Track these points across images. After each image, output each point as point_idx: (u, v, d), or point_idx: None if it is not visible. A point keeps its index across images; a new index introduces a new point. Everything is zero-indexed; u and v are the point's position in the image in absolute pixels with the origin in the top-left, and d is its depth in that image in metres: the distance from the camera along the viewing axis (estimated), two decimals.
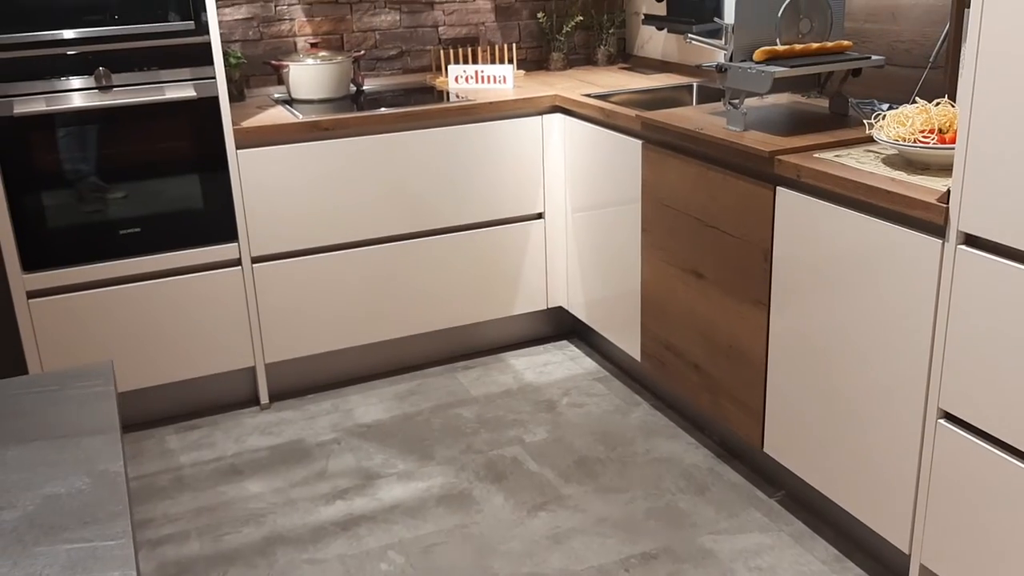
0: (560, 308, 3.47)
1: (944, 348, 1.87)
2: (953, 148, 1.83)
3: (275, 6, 3.38)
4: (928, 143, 2.00)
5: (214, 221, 2.90)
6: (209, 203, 2.89)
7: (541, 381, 3.25)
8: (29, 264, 2.75)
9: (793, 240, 2.23)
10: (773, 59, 2.39)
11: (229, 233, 2.92)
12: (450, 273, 3.24)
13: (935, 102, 2.09)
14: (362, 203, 3.06)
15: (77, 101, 2.69)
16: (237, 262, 2.95)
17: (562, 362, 3.39)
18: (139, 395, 2.97)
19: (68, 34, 2.65)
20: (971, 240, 1.79)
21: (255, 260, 2.97)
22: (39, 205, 2.73)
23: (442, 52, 3.59)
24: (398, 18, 3.57)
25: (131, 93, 2.73)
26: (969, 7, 1.73)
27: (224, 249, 2.93)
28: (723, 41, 2.73)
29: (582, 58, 3.86)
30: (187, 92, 2.78)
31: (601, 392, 3.16)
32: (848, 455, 2.18)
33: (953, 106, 2.05)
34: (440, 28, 3.65)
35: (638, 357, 2.99)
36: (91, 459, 1.17)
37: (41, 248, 2.76)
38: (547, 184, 3.30)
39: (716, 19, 3.03)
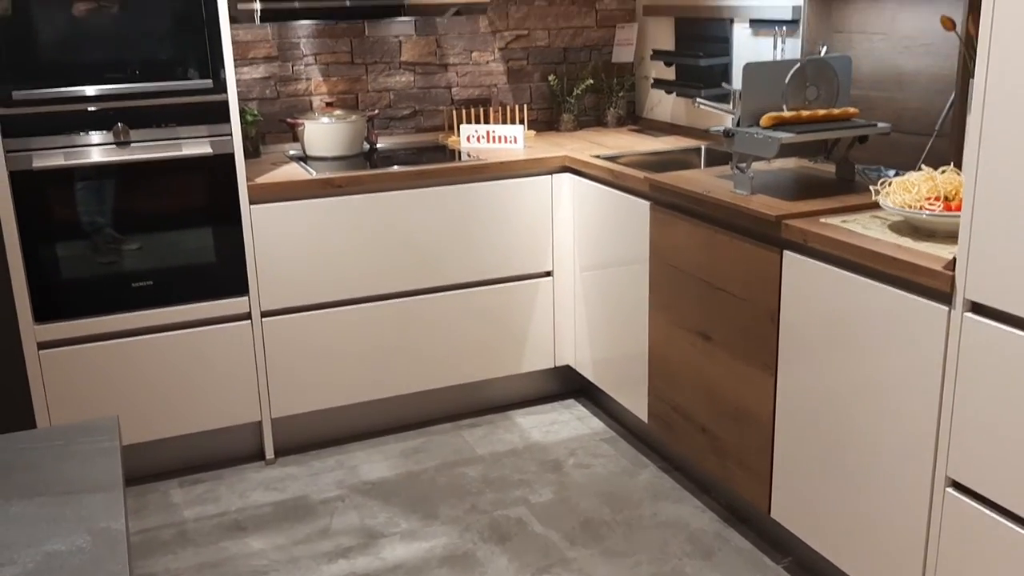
0: (567, 367, 3.47)
1: (952, 415, 1.86)
2: (959, 216, 1.85)
3: (292, 66, 3.45)
4: (934, 210, 2.01)
5: (225, 275, 2.93)
6: (221, 257, 2.92)
7: (548, 441, 3.24)
8: (41, 315, 2.77)
9: (800, 304, 2.23)
10: (780, 125, 2.42)
11: (240, 287, 2.95)
12: (458, 330, 3.25)
13: (941, 170, 2.11)
14: (372, 259, 3.09)
15: (95, 156, 2.74)
16: (247, 316, 2.97)
17: (569, 421, 3.38)
18: (145, 448, 2.96)
19: (89, 90, 2.71)
20: (977, 308, 1.79)
21: (264, 314, 2.99)
22: (53, 256, 2.76)
23: (455, 112, 3.65)
24: (412, 79, 3.64)
25: (149, 149, 2.78)
26: (973, 77, 1.76)
27: (234, 303, 2.95)
28: (731, 106, 2.77)
29: (592, 120, 3.91)
30: (203, 148, 2.83)
31: (608, 453, 3.14)
32: (856, 522, 2.15)
33: (959, 174, 2.07)
34: (453, 89, 3.71)
35: (645, 418, 2.98)
36: (93, 516, 1.17)
37: (53, 299, 2.78)
38: (556, 243, 3.32)
39: (724, 84, 3.08)
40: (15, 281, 2.72)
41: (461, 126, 3.49)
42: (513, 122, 3.63)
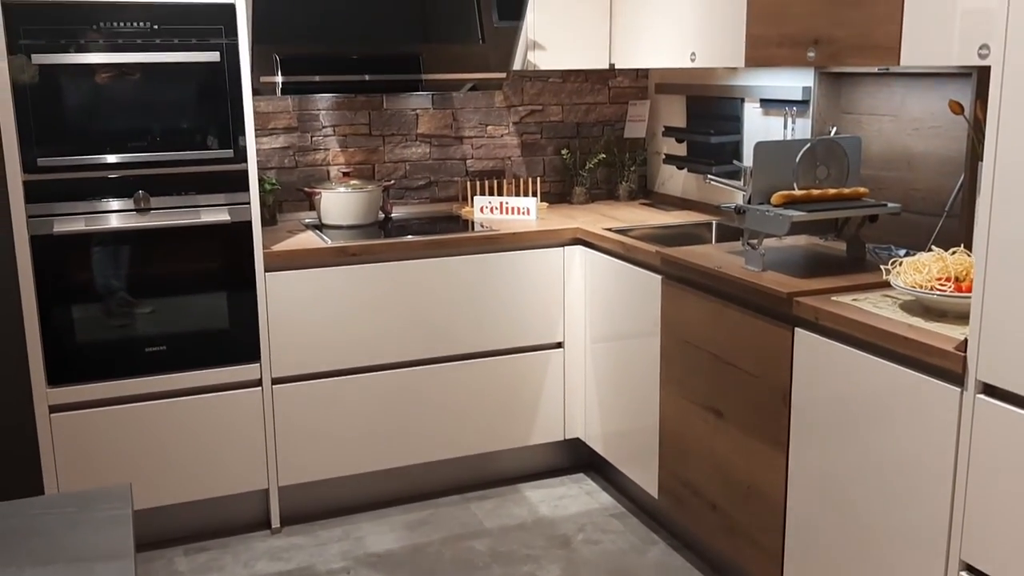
0: (577, 440, 3.45)
1: (965, 498, 1.84)
2: (970, 297, 1.86)
3: (311, 136, 3.52)
4: (945, 291, 2.02)
5: (238, 341, 2.95)
6: (235, 323, 2.95)
7: (556, 515, 3.20)
8: (54, 379, 2.79)
9: (812, 381, 2.23)
10: (791, 203, 2.45)
11: (252, 353, 2.96)
12: (468, 400, 3.25)
13: (951, 251, 2.12)
14: (384, 327, 3.10)
15: (115, 222, 2.79)
16: (258, 383, 2.98)
17: (578, 496, 3.34)
18: (151, 514, 2.94)
19: (112, 158, 2.76)
20: (990, 390, 1.79)
21: (275, 381, 3.00)
22: (69, 320, 2.79)
23: (469, 183, 3.70)
24: (428, 150, 3.70)
25: (168, 216, 2.83)
26: (982, 161, 1.79)
27: (246, 369, 2.96)
28: (742, 183, 2.81)
29: (604, 193, 3.96)
30: (222, 216, 2.88)
31: (617, 529, 3.10)
32: None
33: (969, 255, 2.09)
34: (468, 161, 3.77)
35: (655, 494, 2.96)
36: None
37: (67, 363, 2.80)
38: (567, 314, 3.34)
39: (735, 162, 3.12)
40: (30, 345, 2.74)
41: (475, 197, 3.54)
42: (526, 194, 3.68)
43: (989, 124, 1.74)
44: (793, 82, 3.02)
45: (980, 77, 2.31)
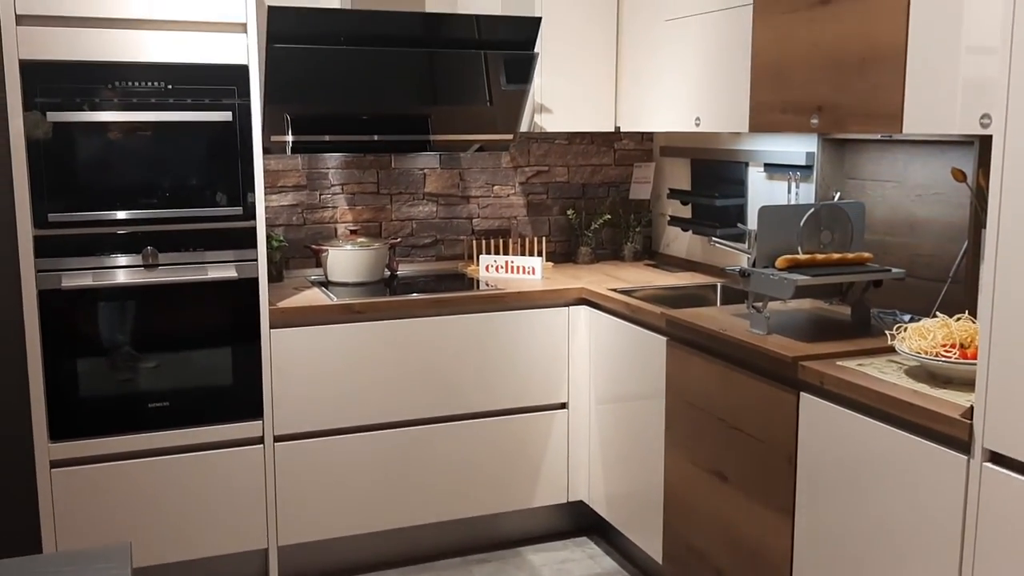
0: (581, 502, 3.41)
1: (973, 566, 1.81)
2: (975, 364, 1.85)
3: (320, 194, 3.56)
4: (950, 357, 2.02)
5: (241, 398, 2.94)
6: (238, 380, 2.94)
7: None
8: (56, 433, 2.78)
9: (818, 446, 2.21)
10: (795, 267, 2.46)
11: (255, 410, 2.95)
12: (471, 461, 3.23)
13: (956, 317, 2.12)
14: (388, 386, 3.10)
15: (122, 277, 2.80)
16: (260, 440, 2.97)
17: (581, 560, 3.30)
18: (150, 572, 2.91)
19: (121, 214, 2.79)
20: (997, 458, 1.77)
21: (277, 439, 2.99)
22: (73, 374, 2.79)
23: (475, 242, 3.72)
24: (435, 209, 3.73)
25: (175, 272, 2.84)
26: (985, 228, 1.80)
27: (248, 426, 2.95)
28: (746, 245, 2.83)
29: (609, 253, 3.98)
30: (229, 272, 2.89)
31: None
32: None
33: (974, 322, 2.09)
34: (474, 220, 3.80)
35: (660, 559, 2.91)
36: None
37: (70, 418, 2.79)
38: (572, 375, 3.33)
39: (739, 224, 3.14)
40: (34, 399, 2.74)
41: (480, 256, 3.56)
42: (532, 253, 3.70)
43: (992, 192, 1.75)
44: (797, 147, 3.06)
45: (982, 145, 2.33)
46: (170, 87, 2.78)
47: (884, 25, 2.29)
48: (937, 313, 2.20)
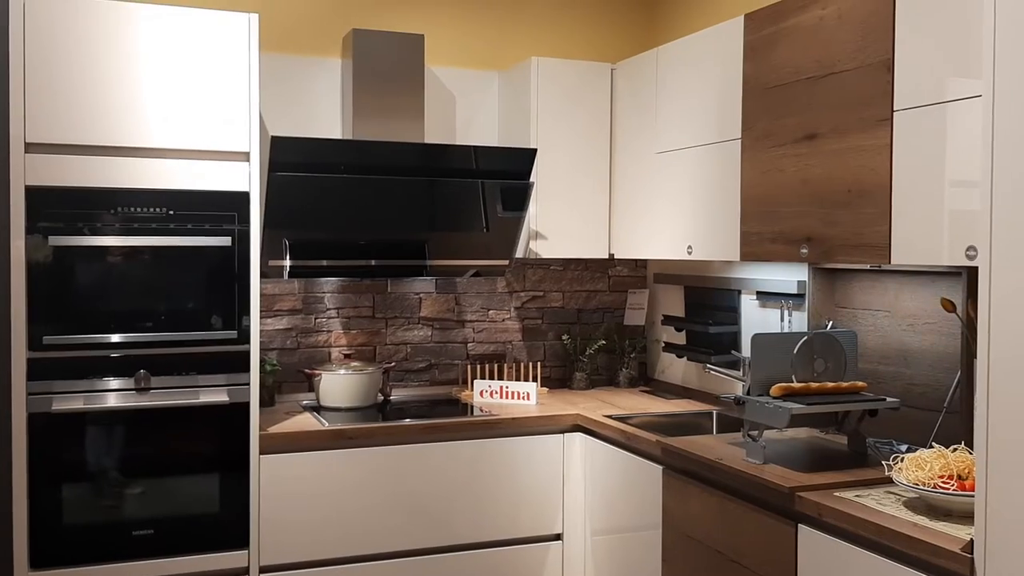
0: None
1: None
2: (973, 496, 1.82)
3: (315, 318, 3.57)
4: (948, 489, 1.99)
5: (227, 526, 2.87)
6: (225, 507, 2.88)
7: None
8: (37, 561, 2.70)
9: None
10: (790, 395, 2.45)
11: (241, 540, 2.88)
12: None
13: (952, 448, 2.10)
14: (379, 515, 3.03)
15: (114, 401, 2.78)
16: (245, 571, 2.88)
17: None
18: None
19: (116, 337, 2.80)
20: None
21: (263, 570, 2.90)
22: (58, 500, 2.73)
23: (469, 367, 3.72)
24: (430, 333, 3.74)
25: (167, 396, 2.83)
26: (976, 358, 1.80)
27: (233, 556, 2.87)
28: (741, 373, 2.82)
29: (604, 379, 3.97)
30: (220, 397, 2.87)
31: None
32: None
33: (970, 452, 2.07)
34: (469, 344, 3.81)
35: None
36: None
37: (52, 545, 2.72)
38: (567, 504, 3.27)
39: (733, 352, 3.15)
40: (16, 525, 2.67)
41: (475, 381, 3.55)
42: (527, 378, 3.68)
43: (980, 324, 1.76)
44: (788, 276, 3.10)
45: (970, 276, 2.36)
46: (171, 213, 2.83)
47: (869, 161, 2.36)
48: (933, 444, 2.18)
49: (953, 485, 2.00)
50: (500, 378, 3.68)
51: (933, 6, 2.21)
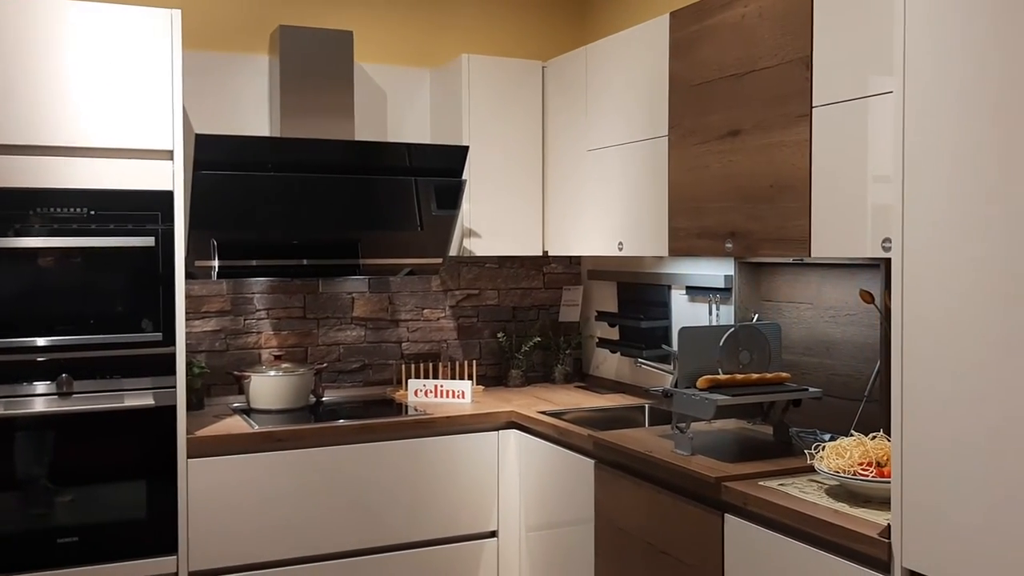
0: None
1: None
2: (890, 482, 1.87)
3: (244, 319, 3.52)
4: (867, 476, 2.04)
5: (155, 532, 2.81)
6: (152, 513, 2.82)
7: None
8: None
9: (744, 569, 2.19)
10: (716, 387, 2.49)
11: (169, 545, 2.82)
12: None
13: (871, 435, 2.16)
14: (311, 517, 3.00)
15: (36, 406, 2.71)
16: None
17: None
18: None
19: (40, 341, 2.72)
20: None
21: (193, 575, 2.85)
22: None
23: (404, 366, 3.70)
24: (363, 333, 3.72)
25: (90, 400, 2.76)
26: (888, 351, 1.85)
27: (162, 562, 2.81)
28: (671, 366, 2.86)
29: (540, 376, 3.98)
30: (146, 400, 2.81)
31: None
32: None
33: (889, 440, 2.12)
34: (403, 344, 3.79)
35: None
36: None
37: None
38: (502, 501, 3.27)
39: (664, 346, 3.19)
40: None
41: (410, 380, 3.53)
42: (462, 377, 3.68)
43: (894, 314, 1.81)
44: (716, 270, 3.14)
45: (887, 268, 2.42)
46: (93, 213, 2.76)
47: (790, 156, 2.40)
48: (853, 432, 2.23)
49: (872, 472, 2.05)
50: (435, 377, 3.67)
51: (850, 3, 2.26)
